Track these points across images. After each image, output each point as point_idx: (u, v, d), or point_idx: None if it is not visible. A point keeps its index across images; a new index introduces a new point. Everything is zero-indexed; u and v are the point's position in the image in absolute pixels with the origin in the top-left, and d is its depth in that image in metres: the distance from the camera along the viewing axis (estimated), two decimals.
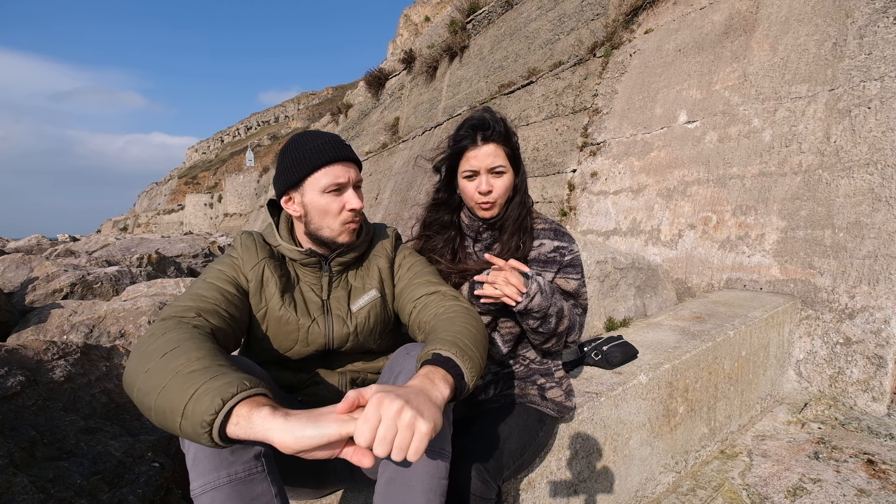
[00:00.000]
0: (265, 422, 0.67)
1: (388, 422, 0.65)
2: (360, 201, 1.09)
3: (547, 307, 1.14)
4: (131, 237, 10.95)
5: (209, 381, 0.72)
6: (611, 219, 4.35)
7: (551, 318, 1.16)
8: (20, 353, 1.96)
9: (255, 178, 34.88)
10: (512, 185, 1.27)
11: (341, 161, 1.07)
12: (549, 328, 1.17)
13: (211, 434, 0.69)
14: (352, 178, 1.09)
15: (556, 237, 1.31)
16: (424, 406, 0.69)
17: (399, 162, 9.71)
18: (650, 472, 1.79)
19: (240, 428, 0.68)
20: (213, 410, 0.68)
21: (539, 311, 1.13)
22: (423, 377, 0.78)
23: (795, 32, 3.33)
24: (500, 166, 1.23)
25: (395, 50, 18.61)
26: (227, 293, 1.04)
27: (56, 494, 1.41)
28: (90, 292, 4.28)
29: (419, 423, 0.66)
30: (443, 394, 0.76)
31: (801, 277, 2.79)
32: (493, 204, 1.25)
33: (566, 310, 1.21)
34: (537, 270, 1.28)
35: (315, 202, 1.07)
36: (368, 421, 0.65)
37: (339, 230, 1.10)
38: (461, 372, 0.85)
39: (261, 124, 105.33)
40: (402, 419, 0.65)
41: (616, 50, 5.09)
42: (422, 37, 11.34)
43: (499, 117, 1.25)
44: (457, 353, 0.86)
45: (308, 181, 1.07)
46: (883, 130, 2.66)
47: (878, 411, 2.34)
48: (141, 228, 57.23)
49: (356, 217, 1.10)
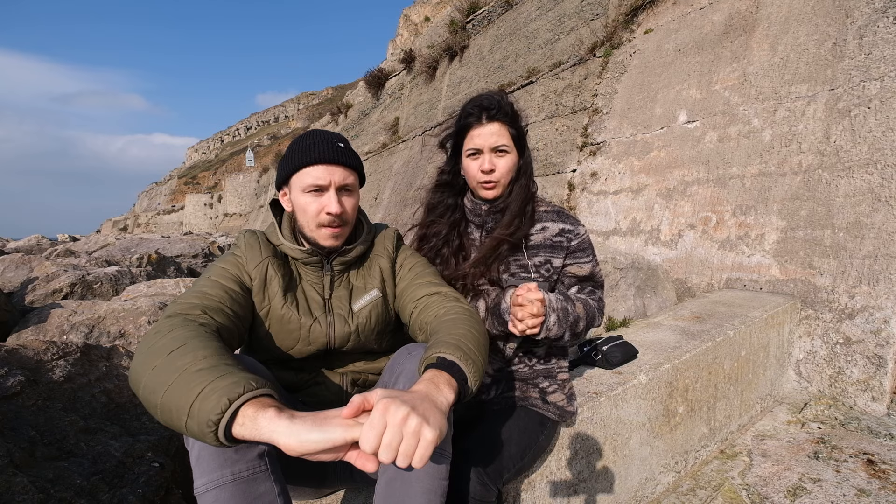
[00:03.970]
0: (270, 423, 0.67)
1: (393, 428, 0.64)
2: (338, 206, 1.06)
3: (563, 331, 1.16)
4: (131, 237, 10.95)
5: (215, 381, 0.72)
6: (610, 219, 4.35)
7: (566, 332, 1.18)
8: (20, 353, 1.96)
9: (255, 178, 34.86)
10: (516, 167, 1.26)
11: (325, 163, 1.05)
12: (567, 337, 1.20)
13: (216, 433, 0.68)
14: (335, 182, 1.06)
15: (560, 219, 1.29)
16: (430, 412, 0.69)
17: (399, 162, 9.70)
18: (650, 471, 1.79)
19: (245, 429, 0.68)
20: (219, 410, 0.68)
21: (557, 335, 1.16)
22: (429, 382, 0.78)
23: (795, 32, 3.34)
24: (503, 145, 1.22)
25: (395, 50, 18.60)
26: (232, 291, 1.04)
27: (56, 494, 1.41)
28: (90, 292, 4.28)
29: (425, 430, 0.66)
30: (447, 399, 0.76)
31: (800, 277, 2.80)
32: (495, 184, 1.24)
33: (582, 312, 1.21)
34: (545, 257, 1.26)
35: (297, 200, 1.09)
36: (374, 427, 0.64)
37: (316, 232, 1.09)
38: (465, 376, 0.84)
39: (261, 124, 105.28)
40: (408, 426, 0.65)
41: (616, 50, 5.09)
42: (422, 37, 11.34)
43: (507, 99, 1.25)
44: (461, 356, 0.86)
45: (293, 179, 1.09)
46: (883, 130, 2.66)
47: (877, 411, 2.34)
48: (141, 228, 57.21)
49: (334, 221, 1.07)
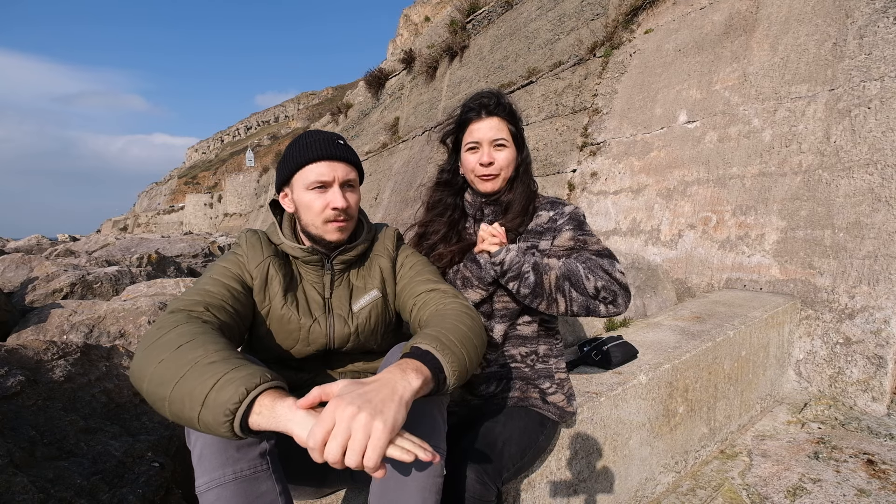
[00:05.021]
0: (288, 412, 0.68)
1: (341, 424, 0.64)
2: (343, 200, 1.08)
3: (519, 263, 1.17)
4: (131, 237, 10.95)
5: (231, 372, 0.72)
6: (611, 219, 4.35)
7: (527, 274, 1.17)
8: (20, 352, 1.96)
9: (255, 178, 34.87)
10: (514, 161, 1.29)
11: (328, 159, 1.07)
12: (530, 286, 1.17)
13: (232, 423, 0.69)
14: (338, 177, 1.08)
15: (553, 208, 1.32)
16: (385, 404, 0.69)
17: (399, 162, 9.70)
18: (650, 472, 1.79)
19: (262, 418, 0.69)
20: (237, 399, 0.69)
21: (510, 268, 1.17)
22: (394, 367, 0.78)
23: (795, 32, 3.33)
24: (502, 139, 1.26)
25: (395, 50, 18.61)
26: (233, 289, 1.04)
27: (56, 494, 1.41)
28: (90, 292, 4.28)
29: (376, 424, 0.65)
30: (411, 385, 0.75)
31: (800, 277, 2.79)
32: (494, 176, 1.27)
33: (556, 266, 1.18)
34: (532, 242, 1.29)
35: (301, 198, 1.09)
36: (322, 423, 0.65)
37: (323, 228, 1.10)
38: (440, 365, 0.84)
39: (261, 124, 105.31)
40: (358, 421, 0.65)
41: (616, 50, 5.09)
42: (422, 37, 11.35)
43: (506, 96, 1.29)
44: (437, 346, 0.86)
45: (296, 177, 1.10)
46: (883, 130, 2.66)
47: (877, 411, 2.34)
48: (141, 228, 57.23)
49: (340, 216, 1.09)
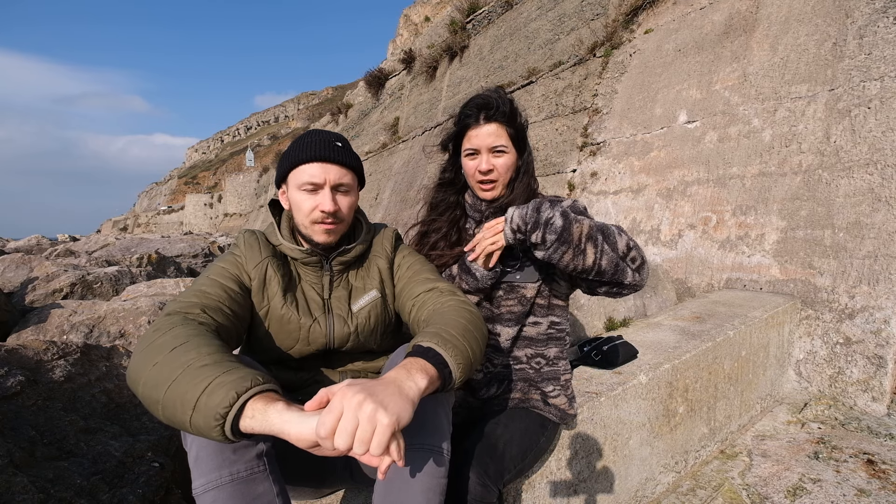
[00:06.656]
0: (281, 415, 0.67)
1: (349, 413, 0.65)
2: (332, 204, 1.06)
3: (532, 215, 1.09)
4: (131, 237, 10.95)
5: (222, 376, 0.72)
6: (611, 219, 4.35)
7: (552, 219, 1.07)
8: (20, 353, 1.96)
9: (255, 178, 34.89)
10: (514, 166, 1.26)
11: (321, 161, 1.06)
12: (556, 230, 1.06)
13: (223, 427, 0.68)
14: (329, 180, 1.06)
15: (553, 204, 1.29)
16: (390, 399, 0.69)
17: (399, 162, 9.70)
18: (650, 472, 1.79)
19: (255, 421, 0.68)
20: (227, 403, 0.68)
21: (526, 222, 1.09)
22: (400, 368, 0.78)
23: (795, 32, 3.33)
24: (500, 146, 1.22)
25: (395, 50, 18.61)
26: (231, 291, 1.04)
27: (56, 494, 1.41)
28: (90, 292, 4.28)
29: (380, 415, 0.66)
30: (418, 384, 0.76)
31: (801, 277, 2.79)
32: (494, 184, 1.25)
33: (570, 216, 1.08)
34: None
35: (293, 197, 1.10)
36: (331, 412, 0.65)
37: (311, 228, 1.10)
38: (444, 360, 0.84)
39: (261, 124, 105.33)
40: (364, 411, 0.65)
41: (616, 50, 5.09)
42: (422, 37, 11.35)
43: (506, 97, 1.24)
44: (438, 342, 0.86)
45: (290, 176, 1.10)
46: (883, 130, 2.66)
47: (877, 411, 2.34)
48: (141, 228, 57.24)
49: (328, 218, 1.07)
